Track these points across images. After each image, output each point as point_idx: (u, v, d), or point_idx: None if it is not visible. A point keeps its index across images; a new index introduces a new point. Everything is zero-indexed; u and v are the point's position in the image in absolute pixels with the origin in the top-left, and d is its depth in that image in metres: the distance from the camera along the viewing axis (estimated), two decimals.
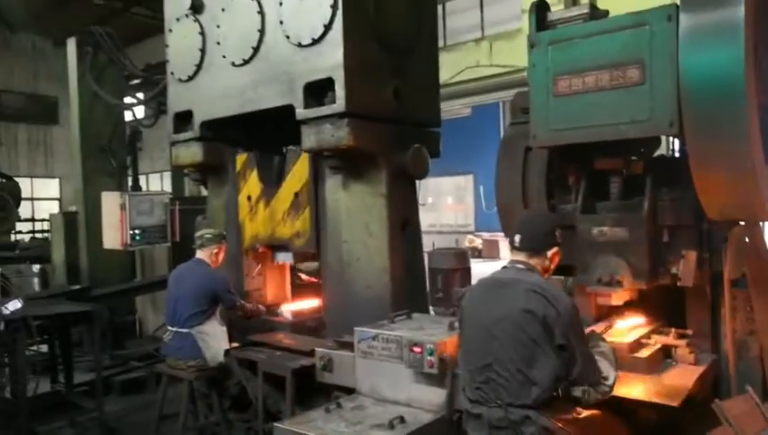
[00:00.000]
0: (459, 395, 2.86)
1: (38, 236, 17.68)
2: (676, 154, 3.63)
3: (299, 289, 5.43)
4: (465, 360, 2.68)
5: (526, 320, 2.44)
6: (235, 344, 4.49)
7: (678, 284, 3.13)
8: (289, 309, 4.83)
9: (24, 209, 15.66)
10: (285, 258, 4.78)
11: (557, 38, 3.18)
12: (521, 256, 2.69)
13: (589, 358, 2.51)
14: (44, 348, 6.66)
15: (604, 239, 3.19)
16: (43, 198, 22.01)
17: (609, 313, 3.47)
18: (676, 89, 2.74)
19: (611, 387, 2.56)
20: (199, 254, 4.60)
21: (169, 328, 4.49)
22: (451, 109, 15.76)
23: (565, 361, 2.42)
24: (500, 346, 2.49)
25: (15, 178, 14.28)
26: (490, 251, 16.81)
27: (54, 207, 21.01)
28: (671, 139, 3.49)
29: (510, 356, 2.46)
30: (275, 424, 3.18)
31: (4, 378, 5.62)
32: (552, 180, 3.60)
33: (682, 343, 3.23)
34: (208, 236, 4.62)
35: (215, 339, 4.40)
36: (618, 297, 3.21)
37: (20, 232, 15.62)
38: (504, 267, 2.74)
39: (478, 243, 17.60)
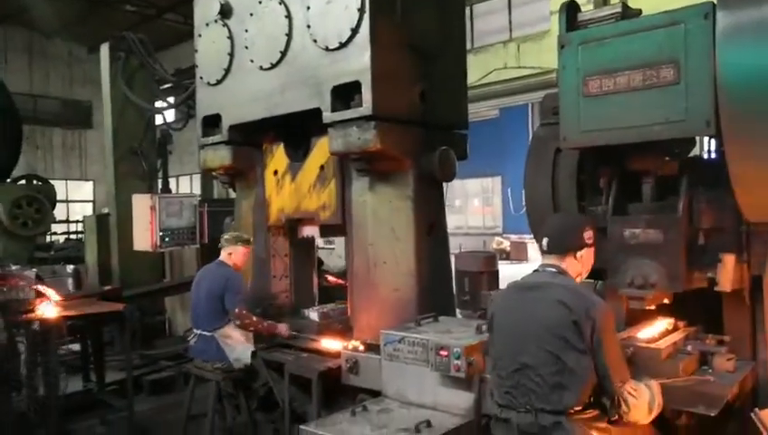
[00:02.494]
0: (487, 399, 2.82)
1: (73, 237, 18.07)
2: (712, 155, 3.53)
3: (326, 291, 5.45)
4: (494, 364, 2.65)
5: (557, 324, 2.40)
6: (262, 346, 4.51)
7: (716, 288, 3.03)
8: (316, 311, 4.83)
9: (60, 211, 16.03)
10: (311, 232, 4.78)
11: (588, 38, 3.12)
12: (551, 260, 2.65)
13: (618, 363, 2.44)
14: (77, 347, 6.79)
15: (636, 241, 3.11)
16: (77, 201, 22.54)
17: (642, 317, 3.38)
18: (712, 88, 2.66)
19: (639, 411, 2.43)
20: (221, 256, 4.64)
21: (194, 330, 4.54)
22: (479, 111, 15.69)
23: (597, 366, 2.36)
24: (530, 350, 2.45)
25: (51, 181, 14.63)
26: (518, 253, 16.67)
27: (88, 209, 21.48)
28: (707, 139, 3.39)
29: (541, 361, 2.41)
30: (300, 426, 3.18)
31: (38, 377, 5.75)
32: (582, 182, 3.52)
33: (720, 349, 3.12)
34: (226, 237, 4.67)
35: (238, 341, 4.43)
36: (651, 301, 3.12)
37: (55, 233, 15.99)
38: (536, 271, 2.70)
39: (506, 245, 17.48)
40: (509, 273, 2.80)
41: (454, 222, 21.68)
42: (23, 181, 13.44)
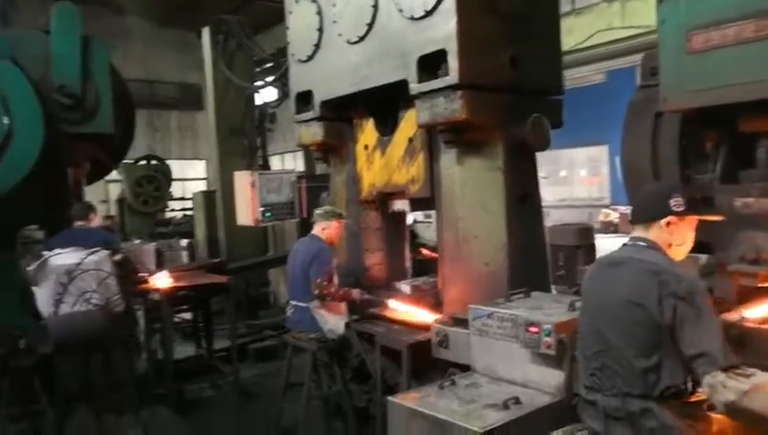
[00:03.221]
0: (579, 379, 2.70)
1: (188, 213, 19.34)
2: None
3: (421, 264, 5.45)
4: (580, 344, 2.52)
5: (642, 302, 2.20)
6: (355, 317, 4.60)
7: None
8: (407, 284, 4.85)
9: (176, 189, 17.16)
10: (401, 206, 4.78)
11: None
12: (639, 232, 2.43)
13: (712, 346, 2.10)
14: (188, 316, 7.28)
15: (749, 212, 2.83)
16: (192, 179, 23.99)
17: (755, 295, 3.09)
18: None
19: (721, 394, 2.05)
20: (314, 230, 4.75)
21: (291, 302, 4.70)
22: (583, 76, 14.91)
23: (685, 348, 2.14)
24: (615, 330, 2.29)
25: (167, 161, 15.68)
26: (626, 226, 15.80)
27: (202, 187, 22.81)
28: None
29: (625, 342, 2.24)
30: (389, 398, 3.21)
31: (156, 342, 6.24)
32: (686, 148, 3.25)
33: None
34: (319, 212, 4.76)
35: (332, 313, 4.53)
36: (765, 277, 2.84)
37: (173, 210, 17.16)
38: (624, 244, 2.51)
39: (614, 217, 16.62)
40: (615, 247, 2.59)
41: (558, 194, 20.96)
42: (143, 162, 14.57)
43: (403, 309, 4.24)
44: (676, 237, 2.39)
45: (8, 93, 4.94)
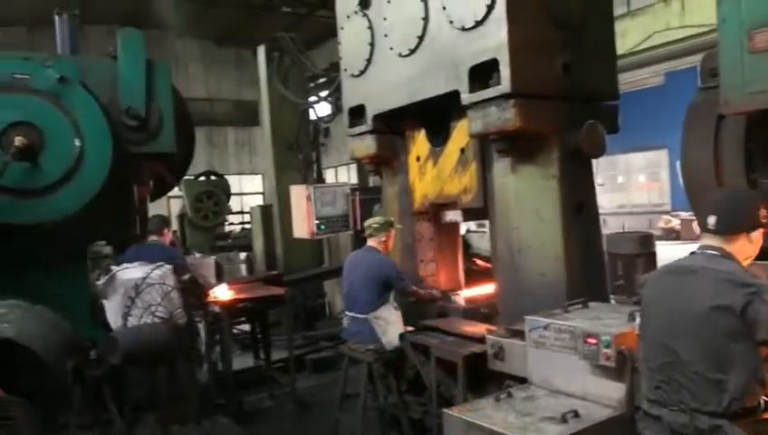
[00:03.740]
0: (641, 392, 2.62)
1: (246, 227, 19.83)
2: None
3: (474, 275, 5.41)
4: (644, 355, 2.44)
5: (720, 314, 2.12)
6: (410, 328, 4.60)
7: None
8: (462, 295, 4.82)
9: (235, 204, 17.65)
10: (454, 216, 4.77)
11: None
12: (715, 241, 2.35)
13: None
14: (246, 328, 7.44)
15: None
16: (250, 193, 24.61)
17: None
18: None
19: None
20: (370, 242, 4.79)
21: (347, 313, 4.74)
22: (640, 78, 14.50)
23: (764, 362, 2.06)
24: (685, 342, 2.21)
25: (226, 176, 16.15)
26: (689, 232, 15.20)
27: (259, 201, 23.37)
28: None
29: (698, 355, 2.16)
30: (445, 410, 3.18)
31: (216, 354, 6.40)
32: (751, 151, 3.11)
33: None
34: (375, 225, 4.79)
35: (390, 324, 4.55)
36: None
37: (232, 223, 17.63)
38: (693, 253, 2.43)
39: (675, 223, 16.04)
40: (676, 254, 2.50)
41: (616, 200, 20.38)
42: (202, 178, 15.05)
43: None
44: (757, 247, 2.34)
45: (80, 117, 5.23)
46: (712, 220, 2.36)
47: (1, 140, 4.92)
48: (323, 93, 9.62)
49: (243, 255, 10.90)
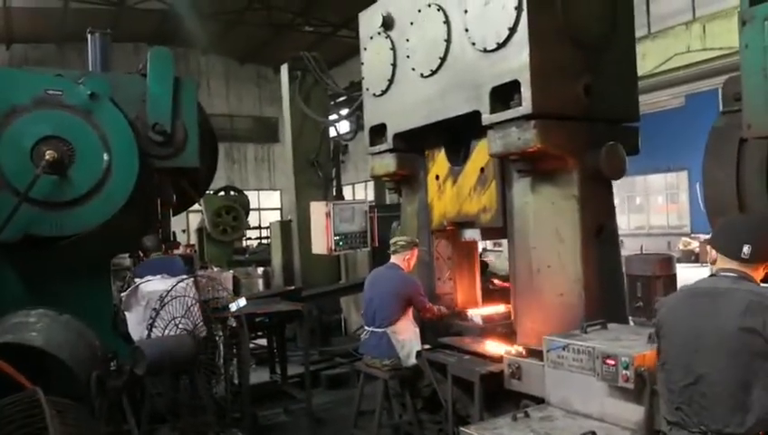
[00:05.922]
0: (660, 414, 2.61)
1: (264, 242, 19.99)
2: None
3: (491, 294, 5.41)
4: (663, 377, 2.44)
5: (747, 335, 2.13)
6: (427, 346, 4.61)
7: None
8: (479, 314, 4.83)
9: (253, 219, 17.80)
10: (472, 235, 4.78)
11: None
12: (737, 265, 2.36)
13: None
14: (263, 342, 7.47)
15: None
16: (268, 208, 24.81)
17: None
18: None
19: None
20: (393, 259, 4.83)
21: (366, 328, 4.77)
22: (660, 100, 14.46)
23: None
24: (708, 364, 2.21)
25: (245, 192, 16.32)
26: (708, 255, 15.04)
27: (277, 217, 23.55)
28: None
29: (720, 376, 2.17)
30: (461, 428, 3.20)
31: (233, 368, 6.42)
32: None
33: None
34: (402, 243, 4.83)
35: (408, 339, 4.57)
36: None
37: (249, 238, 17.76)
38: (713, 275, 2.44)
39: (694, 246, 15.85)
40: (697, 277, 2.51)
41: (634, 222, 20.21)
42: (222, 193, 15.22)
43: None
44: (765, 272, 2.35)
45: (108, 132, 5.37)
46: (747, 249, 2.35)
47: (32, 153, 5.06)
48: (344, 111, 9.75)
49: (260, 269, 10.99)
